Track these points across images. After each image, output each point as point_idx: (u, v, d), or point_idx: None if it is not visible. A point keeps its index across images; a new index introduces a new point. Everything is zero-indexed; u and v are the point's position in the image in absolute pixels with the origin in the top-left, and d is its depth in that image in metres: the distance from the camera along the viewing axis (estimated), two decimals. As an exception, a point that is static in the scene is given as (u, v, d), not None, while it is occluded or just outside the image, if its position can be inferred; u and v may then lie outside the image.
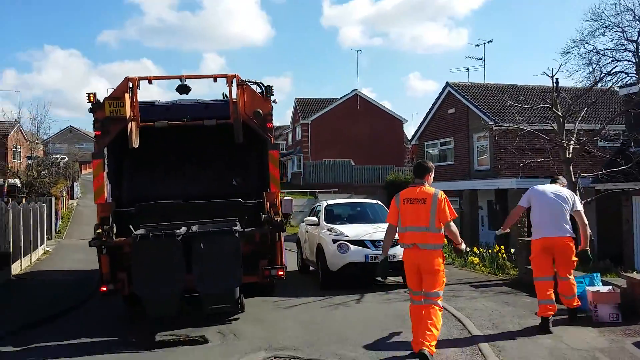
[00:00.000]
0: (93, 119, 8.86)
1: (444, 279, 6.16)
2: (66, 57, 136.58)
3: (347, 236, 10.76)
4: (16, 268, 14.68)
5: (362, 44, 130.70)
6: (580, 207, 7.34)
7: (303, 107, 50.22)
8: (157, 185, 9.86)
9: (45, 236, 22.29)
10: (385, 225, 11.22)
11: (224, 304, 7.79)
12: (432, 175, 6.31)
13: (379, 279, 11.54)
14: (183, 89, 9.01)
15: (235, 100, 8.78)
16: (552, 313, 7.01)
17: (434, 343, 5.83)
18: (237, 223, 8.20)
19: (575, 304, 7.49)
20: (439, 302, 6.05)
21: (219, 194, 9.39)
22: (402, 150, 48.52)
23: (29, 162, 32.81)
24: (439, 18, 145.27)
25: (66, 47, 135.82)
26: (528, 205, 7.43)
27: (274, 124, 9.51)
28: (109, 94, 8.83)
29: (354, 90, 48.50)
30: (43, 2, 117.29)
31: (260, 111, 8.95)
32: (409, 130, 50.18)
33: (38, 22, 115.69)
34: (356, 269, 10.59)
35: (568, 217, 7.16)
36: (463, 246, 6.40)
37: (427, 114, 27.06)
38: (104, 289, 8.33)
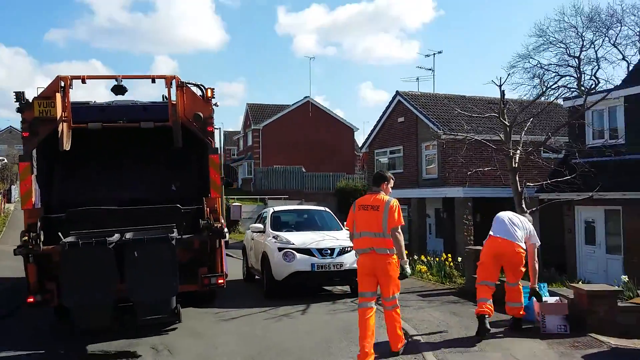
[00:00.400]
0: (21, 119, 8.33)
1: (399, 282, 6.35)
2: (11, 55, 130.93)
3: (293, 244, 10.43)
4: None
5: (316, 52, 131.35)
6: (535, 241, 7.53)
7: (255, 112, 49.69)
8: (91, 190, 9.41)
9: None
10: (333, 233, 11.25)
11: (159, 315, 7.41)
12: (390, 184, 6.51)
13: (327, 287, 11.29)
14: (119, 90, 8.62)
15: (175, 102, 8.46)
16: (489, 312, 7.08)
17: (400, 344, 6.37)
18: (174, 230, 7.82)
19: (521, 313, 7.45)
20: (397, 303, 6.33)
21: (158, 199, 9.04)
22: (353, 158, 48.72)
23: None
24: (392, 30, 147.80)
25: (10, 44, 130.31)
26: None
27: (220, 128, 9.17)
28: (38, 93, 8.30)
29: (306, 97, 48.37)
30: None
31: (201, 114, 8.63)
32: (360, 139, 50.37)
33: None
34: (302, 278, 10.27)
35: (522, 236, 7.36)
36: (406, 266, 6.41)
37: (378, 122, 27.14)
38: (31, 299, 7.80)
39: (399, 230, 6.17)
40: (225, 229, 8.14)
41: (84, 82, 8.61)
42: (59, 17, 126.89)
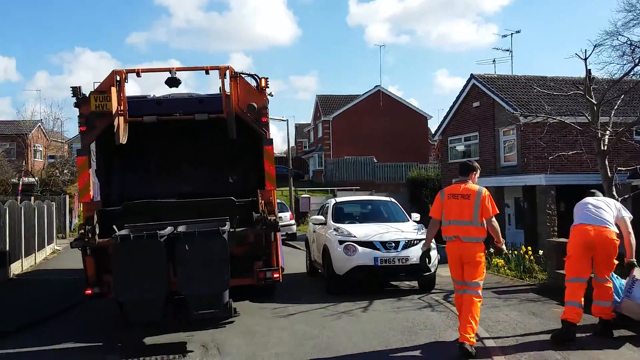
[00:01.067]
0: (78, 114, 8.35)
1: (484, 270, 6.37)
2: (96, 59, 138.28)
3: (354, 237, 9.80)
4: (17, 267, 14.12)
5: (389, 42, 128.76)
6: (626, 214, 6.66)
7: (324, 104, 49.31)
8: (148, 184, 9.48)
9: (57, 235, 21.89)
10: (398, 225, 10.53)
11: (211, 309, 7.09)
12: (477, 174, 6.54)
13: (394, 282, 10.60)
14: (172, 82, 8.49)
15: (229, 93, 8.26)
16: (577, 320, 6.30)
17: (473, 335, 5.97)
18: (227, 223, 7.53)
19: (612, 314, 6.49)
20: (479, 291, 6.19)
21: (214, 192, 8.90)
22: (426, 146, 47.22)
23: (51, 160, 32.67)
24: (468, 14, 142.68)
25: (96, 49, 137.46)
26: None
27: (287, 120, 8.85)
28: (95, 88, 8.28)
29: (376, 86, 47.35)
30: (74, 4, 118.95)
31: (255, 105, 8.39)
32: (435, 127, 48.83)
33: (69, 25, 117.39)
34: (364, 273, 9.64)
35: (612, 218, 6.51)
36: (504, 246, 6.59)
37: (451, 108, 25.83)
38: (89, 292, 7.92)
39: (494, 219, 6.23)
40: (293, 221, 7.91)
41: (138, 75, 8.59)
42: (139, 21, 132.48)
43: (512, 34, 30.91)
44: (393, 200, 12.13)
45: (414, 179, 32.57)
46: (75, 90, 8.27)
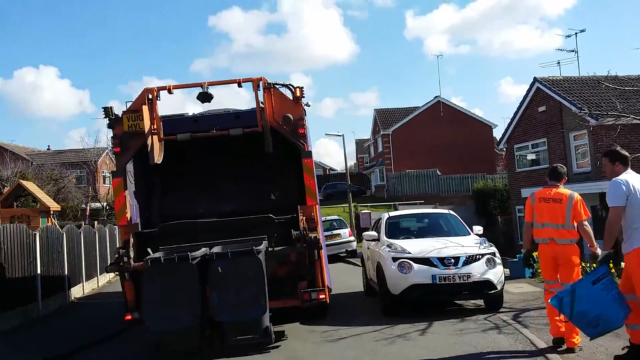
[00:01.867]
0: (112, 135, 8.26)
1: (580, 274, 6.35)
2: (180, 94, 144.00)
3: (409, 253, 9.11)
4: (78, 291, 14.32)
5: (449, 52, 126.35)
6: None
7: (383, 118, 48.62)
8: (190, 204, 9.23)
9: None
10: (458, 239, 9.73)
11: (249, 335, 6.64)
12: (564, 180, 6.63)
13: (458, 302, 9.78)
14: (205, 97, 8.25)
15: (263, 105, 8.00)
16: None
17: (576, 336, 6.10)
18: (264, 242, 7.14)
19: None
20: None
21: (257, 209, 8.51)
22: (492, 156, 45.46)
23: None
24: (530, 20, 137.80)
25: (163, 77, 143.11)
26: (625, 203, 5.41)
27: (342, 136, 8.49)
28: (127, 107, 8.16)
29: (436, 97, 46.24)
30: (141, 36, 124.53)
31: (291, 116, 8.06)
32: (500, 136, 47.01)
33: (138, 56, 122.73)
34: (422, 292, 8.90)
35: None
36: (598, 250, 5.97)
37: (515, 114, 24.58)
38: (128, 317, 7.68)
39: (586, 222, 6.32)
40: (352, 238, 7.38)
41: (170, 92, 8.43)
42: (201, 48, 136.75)
43: (576, 33, 29.03)
44: (452, 212, 11.34)
45: (481, 190, 31.17)
46: (107, 111, 8.15)
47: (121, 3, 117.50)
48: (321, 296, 7.72)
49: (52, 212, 19.93)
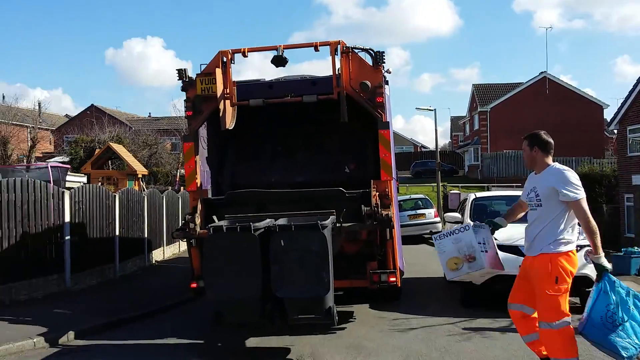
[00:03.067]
0: (185, 98, 7.96)
1: None
2: (261, 59, 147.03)
3: (495, 239, 8.10)
4: (158, 255, 14.60)
5: (561, 27, 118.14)
6: None
7: (481, 93, 46.20)
8: (262, 172, 8.90)
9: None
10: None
11: (310, 314, 6.14)
12: None
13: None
14: (279, 61, 7.74)
15: (340, 71, 7.44)
16: None
17: None
18: (331, 216, 6.61)
19: None
20: None
21: (331, 181, 7.95)
22: (601, 139, 41.98)
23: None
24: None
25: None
26: None
27: (435, 110, 7.78)
28: (201, 70, 7.82)
29: (541, 72, 43.13)
30: (243, 10, 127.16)
31: (369, 83, 7.40)
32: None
33: (240, 28, 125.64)
34: (507, 284, 7.86)
35: None
36: None
37: (630, 92, 22.06)
38: (194, 285, 7.47)
39: None
40: (438, 219, 6.68)
41: (244, 55, 8.01)
42: (300, 21, 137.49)
43: None
44: (549, 196, 10.11)
45: (586, 175, 28.53)
46: (181, 73, 7.85)
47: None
48: (392, 279, 7.14)
49: (140, 176, 20.58)
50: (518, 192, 12.49)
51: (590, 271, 7.67)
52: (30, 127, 34.92)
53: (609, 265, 4.51)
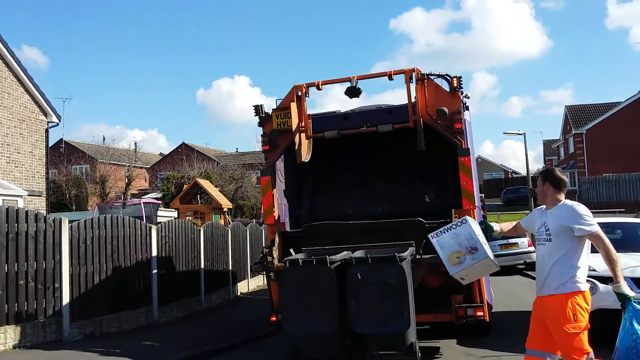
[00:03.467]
0: (262, 133, 8.13)
1: None
2: (341, 91, 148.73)
3: (593, 270, 7.37)
4: (243, 287, 14.78)
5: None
6: None
7: (575, 115, 43.91)
8: (338, 204, 8.95)
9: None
10: (663, 256, 7.78)
11: (391, 350, 5.94)
12: None
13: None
14: (353, 92, 7.79)
15: (416, 99, 7.35)
16: None
17: None
18: (410, 248, 6.46)
19: None
20: None
21: (410, 212, 7.75)
22: None
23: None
24: None
25: (344, 82, 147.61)
26: None
27: (524, 134, 7.47)
28: (277, 105, 8.02)
29: (641, 90, 40.34)
30: (324, 42, 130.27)
31: (446, 109, 7.23)
32: None
33: (321, 63, 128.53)
34: (608, 319, 7.16)
35: None
36: None
37: None
38: (274, 319, 7.48)
39: None
40: (532, 248, 6.38)
41: (319, 88, 8.10)
42: (381, 51, 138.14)
43: None
44: (656, 223, 9.20)
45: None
46: (258, 109, 8.04)
47: (303, 13, 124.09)
48: (479, 313, 6.85)
49: (225, 209, 21.16)
50: (620, 219, 11.51)
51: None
52: (127, 165, 37.26)
53: (631, 293, 4.42)
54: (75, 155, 40.78)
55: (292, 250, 7.25)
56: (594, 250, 8.42)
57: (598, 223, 10.50)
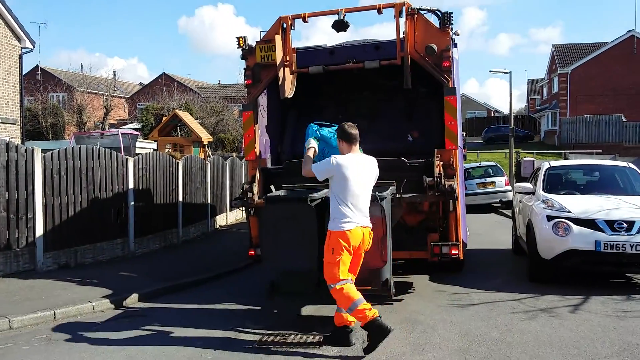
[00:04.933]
0: (245, 66, 7.90)
1: None
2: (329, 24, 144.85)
3: (568, 212, 7.54)
4: (221, 220, 14.81)
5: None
6: None
7: (562, 54, 43.52)
8: None
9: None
10: (636, 199, 7.89)
11: (367, 285, 6.00)
12: None
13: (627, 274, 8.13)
14: (340, 25, 7.55)
15: (405, 35, 7.15)
16: None
17: None
18: (390, 187, 6.43)
19: None
20: None
21: (391, 151, 7.71)
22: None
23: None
24: None
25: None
26: None
27: (510, 73, 7.47)
28: (261, 37, 7.75)
29: (629, 31, 39.96)
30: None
31: (435, 46, 7.06)
32: None
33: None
34: (580, 260, 7.38)
35: None
36: None
37: None
38: (251, 253, 7.58)
39: None
40: (509, 187, 6.37)
41: (305, 20, 7.81)
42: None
43: None
44: (632, 165, 9.28)
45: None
46: (241, 41, 7.73)
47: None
48: (453, 251, 6.96)
49: (205, 143, 20.89)
50: (598, 161, 11.59)
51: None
52: (105, 95, 36.33)
53: None
54: (52, 83, 39.59)
55: (272, 187, 7.19)
56: (571, 192, 8.60)
57: (576, 165, 10.69)
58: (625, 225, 7.15)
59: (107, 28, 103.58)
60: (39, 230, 8.25)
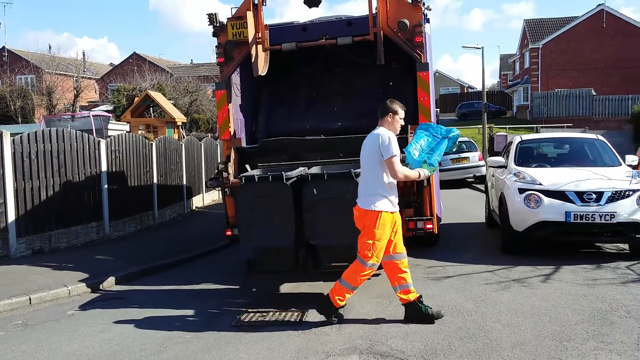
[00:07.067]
0: (216, 44, 7.77)
1: None
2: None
3: (539, 184, 7.71)
4: (198, 201, 14.74)
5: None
6: None
7: (533, 29, 43.84)
8: (295, 119, 8.80)
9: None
10: (604, 171, 8.04)
11: (345, 262, 6.06)
12: None
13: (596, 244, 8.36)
14: (312, 1, 7.63)
15: (377, 10, 7.05)
16: None
17: None
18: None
19: None
20: None
21: (367, 128, 7.63)
22: (662, 76, 39.37)
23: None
24: None
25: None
26: None
27: (482, 48, 7.44)
28: (232, 14, 7.58)
29: (599, 5, 40.40)
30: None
31: (407, 22, 7.02)
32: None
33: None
34: (551, 230, 7.56)
35: None
36: None
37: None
38: (228, 233, 7.52)
39: None
40: (482, 162, 6.46)
41: None
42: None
43: None
44: (601, 137, 9.48)
45: (641, 114, 27.20)
46: (212, 18, 7.63)
47: None
48: (428, 226, 7.02)
49: (179, 124, 20.63)
50: (568, 134, 11.80)
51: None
52: (75, 76, 35.48)
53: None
54: (19, 64, 38.55)
55: (248, 167, 7.19)
56: (542, 165, 8.77)
57: (547, 138, 10.89)
58: (594, 195, 7.34)
59: (75, 7, 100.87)
60: (11, 216, 8.11)
